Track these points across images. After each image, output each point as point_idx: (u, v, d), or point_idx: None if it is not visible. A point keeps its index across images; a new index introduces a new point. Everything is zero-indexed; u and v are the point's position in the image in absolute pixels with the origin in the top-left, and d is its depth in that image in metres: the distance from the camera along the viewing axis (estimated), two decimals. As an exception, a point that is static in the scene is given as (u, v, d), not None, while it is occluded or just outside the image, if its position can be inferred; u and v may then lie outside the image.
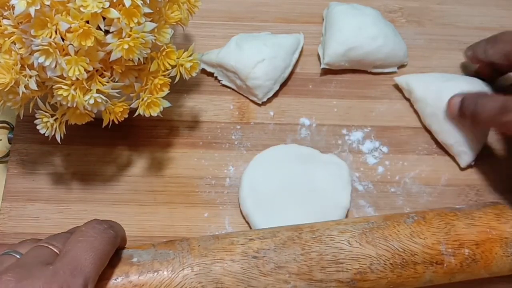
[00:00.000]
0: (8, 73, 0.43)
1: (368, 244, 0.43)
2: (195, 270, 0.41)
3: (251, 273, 0.41)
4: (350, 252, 0.43)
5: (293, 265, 0.42)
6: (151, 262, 0.41)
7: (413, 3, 0.64)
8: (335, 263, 0.42)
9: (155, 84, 0.47)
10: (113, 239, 0.40)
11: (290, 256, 0.42)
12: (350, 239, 0.43)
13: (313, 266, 0.42)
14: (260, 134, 0.57)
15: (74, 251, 0.37)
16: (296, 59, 0.59)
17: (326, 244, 0.43)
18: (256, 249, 0.42)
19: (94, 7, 0.41)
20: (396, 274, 0.43)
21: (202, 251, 0.42)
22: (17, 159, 0.55)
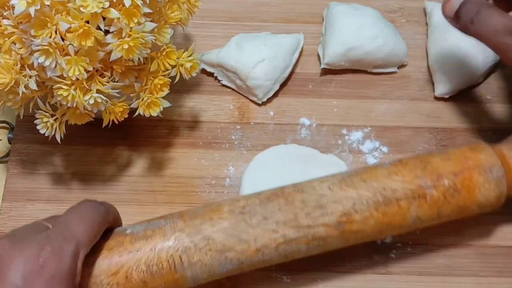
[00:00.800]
0: (8, 73, 0.43)
1: (348, 187, 0.45)
2: (186, 231, 0.42)
3: (240, 227, 0.43)
4: (332, 196, 0.44)
5: (279, 215, 0.43)
6: (144, 231, 0.43)
7: (413, 3, 0.63)
8: (319, 207, 0.44)
9: (155, 84, 0.47)
10: (104, 213, 0.42)
11: (274, 207, 0.44)
12: (330, 186, 0.45)
13: (298, 213, 0.43)
14: (260, 134, 0.57)
15: (66, 220, 0.39)
16: (296, 59, 0.59)
17: (308, 193, 0.44)
18: (242, 206, 0.44)
19: (94, 7, 0.41)
20: (381, 213, 0.44)
21: (192, 215, 0.44)
22: (17, 159, 0.55)
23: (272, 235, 0.43)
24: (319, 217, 0.44)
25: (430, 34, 0.60)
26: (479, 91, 0.59)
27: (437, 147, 0.56)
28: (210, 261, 0.42)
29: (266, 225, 0.43)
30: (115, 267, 0.41)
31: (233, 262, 0.43)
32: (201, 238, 0.42)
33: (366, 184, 0.45)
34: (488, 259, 0.52)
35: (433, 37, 0.59)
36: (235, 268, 0.44)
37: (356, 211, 0.44)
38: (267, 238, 0.43)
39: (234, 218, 0.43)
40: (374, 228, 0.45)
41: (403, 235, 0.52)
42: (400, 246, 0.52)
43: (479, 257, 0.52)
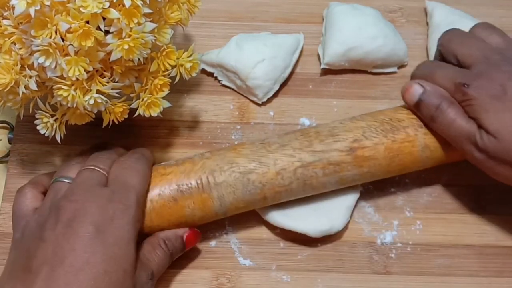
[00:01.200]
0: (8, 74, 0.43)
1: (357, 120, 0.50)
2: (212, 158, 0.49)
3: (260, 152, 0.48)
4: (343, 127, 0.49)
5: (295, 142, 0.49)
6: (176, 161, 0.50)
7: (413, 3, 0.63)
8: (331, 136, 0.49)
9: (155, 84, 0.47)
10: (148, 163, 0.49)
11: (291, 137, 0.49)
12: (341, 121, 0.51)
13: (312, 141, 0.49)
14: (260, 134, 0.57)
15: (122, 175, 0.46)
16: (296, 59, 0.59)
17: (321, 127, 0.50)
18: (262, 139, 0.50)
19: (94, 7, 0.41)
20: (390, 139, 0.49)
21: (218, 150, 0.50)
22: (17, 159, 0.55)
23: (289, 158, 0.48)
24: (332, 143, 0.48)
25: (430, 34, 0.60)
26: (479, 91, 0.59)
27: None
28: (234, 182, 0.47)
29: (284, 150, 0.48)
30: (150, 187, 0.47)
31: (255, 184, 0.48)
32: (226, 162, 0.48)
33: (373, 117, 0.50)
34: (488, 259, 0.52)
35: (434, 37, 0.59)
36: (258, 192, 0.48)
37: (366, 137, 0.49)
38: (285, 161, 0.48)
39: (255, 147, 0.49)
40: (385, 155, 0.49)
41: (403, 235, 0.52)
42: (400, 246, 0.52)
43: (479, 257, 0.52)
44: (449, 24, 0.58)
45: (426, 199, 0.54)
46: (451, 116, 0.47)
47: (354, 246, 0.52)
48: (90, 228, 0.41)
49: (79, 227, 0.42)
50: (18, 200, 0.47)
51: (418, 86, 0.49)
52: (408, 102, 0.50)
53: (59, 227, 0.42)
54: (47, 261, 0.40)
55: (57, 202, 0.44)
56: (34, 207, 0.46)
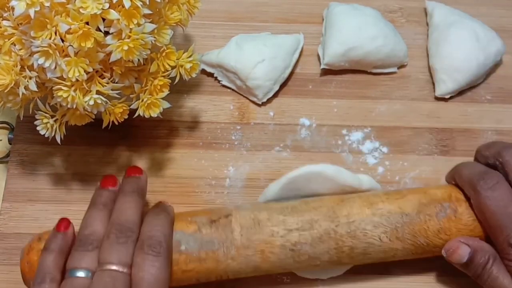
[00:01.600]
0: (8, 74, 0.43)
1: (397, 240, 0.46)
2: (237, 260, 0.45)
3: (287, 262, 0.46)
4: (379, 247, 0.46)
5: (325, 256, 0.46)
6: (198, 251, 0.45)
7: (413, 3, 0.63)
8: (363, 254, 0.47)
9: (155, 85, 0.47)
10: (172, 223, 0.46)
11: (323, 249, 0.46)
12: (381, 235, 0.46)
13: (343, 258, 0.46)
14: (260, 134, 0.57)
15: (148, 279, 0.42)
16: (296, 59, 0.59)
17: (359, 239, 0.46)
18: (294, 242, 0.46)
19: (94, 8, 0.41)
20: (414, 257, 0.48)
21: (245, 242, 0.45)
22: (17, 159, 0.55)
23: (313, 267, 0.47)
24: (360, 260, 0.47)
25: (430, 34, 0.60)
26: (479, 91, 0.59)
27: (437, 147, 0.56)
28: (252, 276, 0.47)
29: (311, 261, 0.46)
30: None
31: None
32: (250, 267, 0.46)
33: (414, 239, 0.46)
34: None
35: (434, 37, 0.59)
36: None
37: (393, 257, 0.47)
38: (307, 268, 0.47)
39: (284, 254, 0.46)
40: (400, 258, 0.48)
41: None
42: (400, 246, 0.52)
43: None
44: (449, 24, 0.59)
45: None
46: (495, 274, 0.45)
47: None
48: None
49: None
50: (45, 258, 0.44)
51: (465, 248, 0.46)
52: (456, 262, 0.47)
53: None
54: None
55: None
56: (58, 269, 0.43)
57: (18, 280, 0.49)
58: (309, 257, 0.46)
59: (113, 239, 0.43)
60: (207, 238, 0.45)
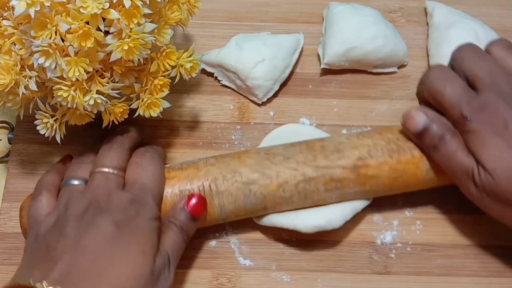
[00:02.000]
0: (8, 74, 0.43)
1: (364, 138, 0.49)
2: (216, 165, 0.48)
3: (264, 164, 0.48)
4: (349, 144, 0.49)
5: (299, 156, 0.48)
6: (180, 164, 0.50)
7: (413, 3, 0.63)
8: (336, 151, 0.48)
9: (155, 84, 0.47)
10: (162, 162, 0.49)
11: (296, 150, 0.49)
12: (348, 137, 0.50)
13: (317, 156, 0.48)
14: (260, 134, 0.57)
15: (140, 178, 0.46)
16: (296, 59, 0.59)
17: (328, 141, 0.50)
18: (267, 149, 0.50)
19: (94, 8, 0.41)
20: (395, 160, 0.48)
21: (223, 156, 0.50)
22: (17, 159, 0.55)
23: (292, 172, 0.48)
24: (336, 160, 0.48)
25: (430, 33, 0.60)
26: (479, 91, 0.59)
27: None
28: (235, 192, 0.48)
29: (288, 163, 0.48)
30: None
31: (257, 196, 0.48)
32: (229, 171, 0.48)
33: (381, 135, 0.49)
34: (488, 259, 0.52)
35: (434, 37, 0.59)
36: (259, 202, 0.48)
37: (371, 156, 0.48)
38: (287, 174, 0.48)
39: (259, 157, 0.49)
40: (389, 175, 0.48)
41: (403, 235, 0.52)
42: (400, 246, 0.52)
43: (479, 257, 0.52)
44: (449, 24, 0.59)
45: (426, 199, 0.54)
46: (453, 148, 0.46)
47: (354, 246, 0.52)
48: (111, 224, 0.43)
49: (100, 224, 0.43)
50: (34, 206, 0.46)
51: (422, 115, 0.47)
52: (411, 130, 0.48)
53: (81, 224, 0.43)
54: (67, 250, 0.41)
55: (76, 204, 0.45)
56: (48, 212, 0.46)
57: (18, 280, 0.49)
58: (284, 158, 0.48)
59: (107, 147, 0.48)
60: (190, 160, 0.50)
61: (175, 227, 0.46)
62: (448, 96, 0.46)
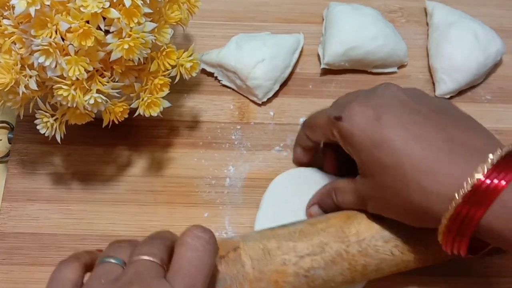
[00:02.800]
0: (8, 73, 0.43)
1: (409, 252, 0.45)
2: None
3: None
4: (392, 261, 0.45)
5: (339, 278, 0.45)
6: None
7: (413, 3, 0.64)
8: (376, 270, 0.46)
9: (155, 84, 0.47)
10: (216, 251, 0.39)
11: (337, 271, 0.45)
12: (393, 249, 0.45)
13: (356, 276, 0.45)
14: (260, 134, 0.57)
15: (186, 267, 0.37)
16: (296, 59, 0.59)
17: (371, 257, 0.45)
18: (307, 268, 0.44)
19: (94, 7, 0.41)
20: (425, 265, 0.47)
21: (257, 274, 0.43)
22: (17, 159, 0.55)
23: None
24: (373, 276, 0.46)
25: (430, 34, 0.60)
26: (479, 91, 0.59)
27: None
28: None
29: (326, 284, 0.45)
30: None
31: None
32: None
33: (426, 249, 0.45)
34: (487, 259, 0.52)
35: (434, 37, 0.59)
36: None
37: (405, 267, 0.46)
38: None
39: (298, 281, 0.44)
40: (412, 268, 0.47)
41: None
42: (400, 246, 0.52)
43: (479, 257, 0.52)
44: (449, 24, 0.59)
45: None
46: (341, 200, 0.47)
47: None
48: None
49: None
50: (59, 268, 0.39)
51: (314, 207, 0.50)
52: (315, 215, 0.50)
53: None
54: None
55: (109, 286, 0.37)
56: (73, 279, 0.38)
57: (18, 280, 0.49)
58: (323, 281, 0.45)
59: (147, 239, 0.40)
60: (219, 276, 0.43)
61: None
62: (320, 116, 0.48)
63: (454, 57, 0.57)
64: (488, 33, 0.58)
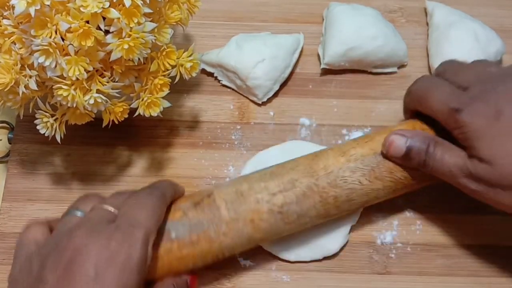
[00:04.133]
0: (8, 73, 0.43)
1: (376, 180, 0.48)
2: (229, 235, 0.45)
3: (277, 226, 0.47)
4: (361, 190, 0.47)
5: (313, 211, 0.47)
6: (189, 236, 0.45)
7: (413, 3, 0.63)
8: (347, 201, 0.48)
9: (155, 84, 0.47)
10: (161, 197, 0.44)
11: (309, 204, 0.47)
12: (361, 179, 0.47)
13: (330, 209, 0.47)
14: (260, 134, 0.57)
15: (130, 210, 0.42)
16: (296, 59, 0.59)
17: (341, 187, 0.47)
18: (280, 204, 0.46)
19: (94, 7, 0.41)
20: (395, 194, 0.49)
21: (233, 215, 0.46)
22: (17, 159, 0.55)
23: (303, 226, 0.48)
24: (346, 210, 0.48)
25: (430, 34, 0.60)
26: (479, 91, 0.59)
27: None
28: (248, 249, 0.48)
29: (300, 220, 0.47)
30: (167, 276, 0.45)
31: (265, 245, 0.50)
32: (244, 241, 0.46)
33: (391, 175, 0.48)
34: (488, 259, 0.52)
35: (434, 37, 0.59)
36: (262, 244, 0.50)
37: (377, 198, 0.49)
38: (297, 229, 0.48)
39: (273, 218, 0.46)
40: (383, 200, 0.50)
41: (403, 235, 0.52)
42: (400, 246, 0.52)
43: (479, 257, 0.52)
44: (449, 24, 0.59)
45: (426, 199, 0.54)
46: (439, 155, 0.46)
47: (354, 246, 0.52)
48: (90, 271, 0.38)
49: (78, 270, 0.38)
50: (23, 233, 0.43)
51: (399, 138, 0.47)
52: (396, 155, 0.47)
53: (59, 268, 0.39)
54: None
55: (59, 239, 0.41)
56: (36, 240, 0.43)
57: (17, 280, 0.49)
58: (298, 216, 0.47)
59: (115, 193, 0.45)
60: (195, 220, 0.45)
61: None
62: (436, 97, 0.46)
63: (454, 57, 0.57)
64: (488, 33, 0.58)
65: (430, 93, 0.47)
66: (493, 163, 0.43)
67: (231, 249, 0.46)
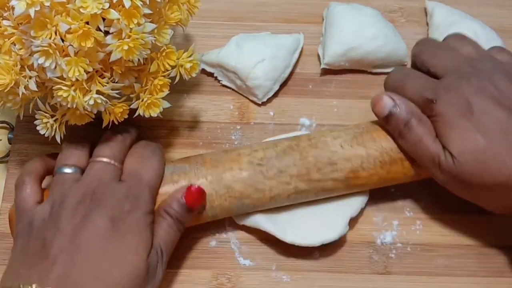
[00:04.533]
0: (8, 74, 0.43)
1: (358, 146, 0.48)
2: (209, 179, 0.48)
3: (257, 178, 0.48)
4: (343, 154, 0.48)
5: (293, 169, 0.48)
6: (171, 175, 0.48)
7: (413, 3, 0.64)
8: (329, 164, 0.48)
9: (155, 84, 0.47)
10: (162, 157, 0.49)
11: (289, 161, 0.48)
12: (342, 143, 0.49)
13: (310, 168, 0.48)
14: (260, 134, 0.57)
15: (138, 170, 0.46)
16: (296, 59, 0.59)
17: (321, 149, 0.48)
18: (260, 157, 0.48)
19: (94, 8, 0.41)
20: (385, 171, 0.49)
21: (214, 163, 0.49)
22: (17, 159, 0.55)
23: (285, 186, 0.48)
24: (329, 173, 0.48)
25: (430, 34, 0.60)
26: (479, 91, 0.59)
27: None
28: (228, 206, 0.48)
29: (281, 177, 0.48)
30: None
31: (249, 207, 0.49)
32: (222, 187, 0.48)
33: (375, 143, 0.49)
34: (488, 259, 0.52)
35: (434, 37, 0.59)
36: (250, 211, 0.50)
37: (363, 168, 0.48)
38: (280, 189, 0.48)
39: (252, 169, 0.48)
40: (377, 182, 0.49)
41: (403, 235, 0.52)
42: (400, 246, 0.52)
43: (479, 257, 0.52)
44: (449, 24, 0.59)
45: (426, 199, 0.54)
46: (419, 135, 0.46)
47: (354, 246, 0.52)
48: (106, 220, 0.43)
49: (95, 219, 0.43)
50: (20, 196, 0.46)
51: (388, 99, 0.48)
52: (378, 115, 0.48)
53: (76, 218, 0.43)
54: (64, 249, 0.42)
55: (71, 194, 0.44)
56: (35, 201, 0.46)
57: (18, 280, 0.49)
58: (278, 171, 0.48)
59: (106, 139, 0.48)
60: (179, 164, 0.49)
61: (170, 218, 0.46)
62: (411, 89, 0.47)
63: None
64: (488, 33, 0.58)
65: (405, 85, 0.48)
66: (457, 158, 0.44)
67: (208, 195, 0.47)
